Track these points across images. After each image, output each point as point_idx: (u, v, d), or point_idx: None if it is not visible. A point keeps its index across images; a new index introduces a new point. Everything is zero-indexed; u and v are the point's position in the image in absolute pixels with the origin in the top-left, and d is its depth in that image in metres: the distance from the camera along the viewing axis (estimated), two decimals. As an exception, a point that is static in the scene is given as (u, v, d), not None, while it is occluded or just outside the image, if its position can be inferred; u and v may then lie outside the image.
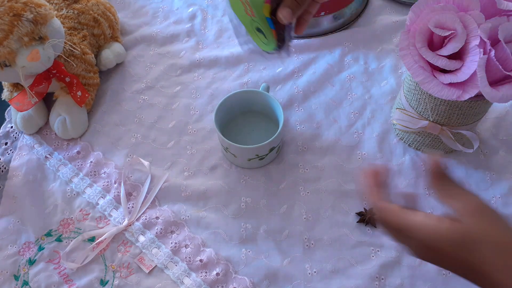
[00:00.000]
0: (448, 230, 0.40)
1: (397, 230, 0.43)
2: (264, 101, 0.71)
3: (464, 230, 0.39)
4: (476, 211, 0.40)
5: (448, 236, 0.40)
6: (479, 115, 0.62)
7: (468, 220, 0.39)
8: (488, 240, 0.38)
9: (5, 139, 0.76)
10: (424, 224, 0.41)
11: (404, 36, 0.57)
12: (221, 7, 0.89)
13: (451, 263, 0.40)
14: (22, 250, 0.66)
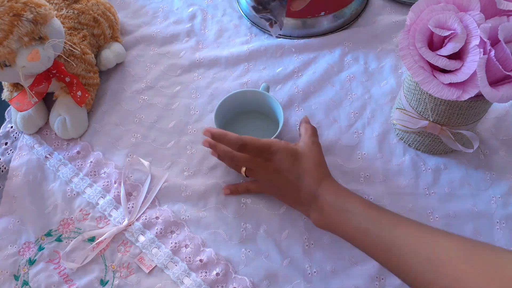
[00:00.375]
0: (286, 145, 0.62)
1: (253, 149, 0.61)
2: (264, 101, 0.72)
3: (295, 148, 0.62)
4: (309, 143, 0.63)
5: (286, 147, 0.62)
6: (479, 115, 0.62)
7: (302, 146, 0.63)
8: (308, 156, 0.61)
9: (5, 139, 0.76)
10: (270, 140, 0.62)
11: (404, 36, 0.57)
12: (221, 7, 0.89)
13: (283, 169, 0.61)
14: (22, 250, 0.66)
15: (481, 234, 0.63)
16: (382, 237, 0.52)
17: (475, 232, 0.63)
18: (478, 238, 0.63)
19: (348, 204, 0.56)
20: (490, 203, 0.65)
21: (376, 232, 0.52)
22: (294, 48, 0.82)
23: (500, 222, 0.64)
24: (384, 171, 0.69)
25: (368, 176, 0.68)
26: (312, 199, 0.59)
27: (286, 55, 0.82)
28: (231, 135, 0.61)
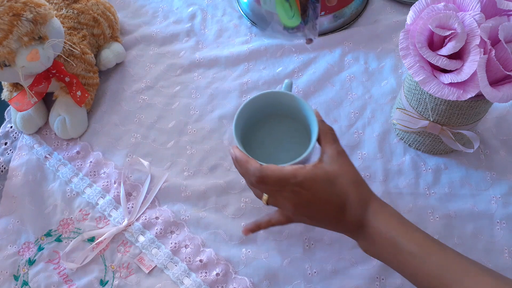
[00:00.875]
0: (314, 169, 0.52)
1: (275, 181, 0.52)
2: (293, 104, 0.62)
3: (326, 169, 0.52)
4: (335, 156, 0.54)
5: (314, 173, 0.52)
6: (479, 115, 0.62)
7: (329, 162, 0.53)
8: (344, 175, 0.52)
9: (4, 139, 0.76)
10: (294, 169, 0.52)
11: (404, 35, 0.57)
12: (221, 7, 0.89)
13: (317, 199, 0.52)
14: (22, 250, 0.66)
15: (482, 234, 0.63)
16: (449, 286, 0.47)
17: (475, 232, 0.63)
18: (478, 238, 0.63)
19: (404, 241, 0.49)
20: (491, 203, 0.65)
21: (442, 280, 0.47)
22: (294, 48, 0.82)
23: (500, 222, 0.64)
24: (384, 171, 0.69)
25: (368, 176, 0.68)
26: (358, 227, 0.52)
27: (286, 55, 0.82)
28: (250, 165, 0.53)
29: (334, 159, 0.53)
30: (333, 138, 0.56)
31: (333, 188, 0.51)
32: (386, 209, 0.52)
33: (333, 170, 0.52)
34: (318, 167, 0.52)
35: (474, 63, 0.52)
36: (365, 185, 0.54)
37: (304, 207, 0.53)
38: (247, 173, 0.54)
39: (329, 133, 0.56)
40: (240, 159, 0.54)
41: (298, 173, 0.51)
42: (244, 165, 0.54)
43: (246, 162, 0.54)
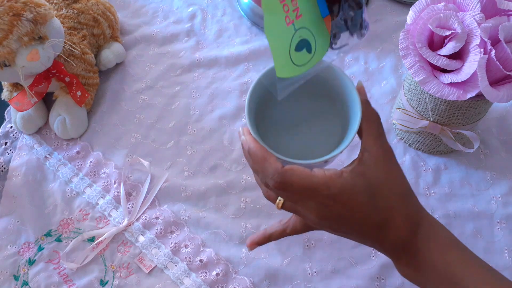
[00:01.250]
0: (353, 177, 0.41)
1: (301, 190, 0.41)
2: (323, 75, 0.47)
3: (367, 176, 0.41)
4: (380, 157, 0.42)
5: (353, 182, 0.41)
6: (479, 115, 0.62)
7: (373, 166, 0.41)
8: (390, 185, 0.41)
9: (4, 139, 0.76)
10: (328, 177, 0.40)
11: (404, 35, 0.57)
12: (221, 7, 0.89)
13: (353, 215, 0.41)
14: (22, 250, 0.66)
15: (482, 234, 0.63)
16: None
17: (475, 232, 0.63)
18: (478, 238, 0.63)
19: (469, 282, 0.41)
20: (491, 203, 0.65)
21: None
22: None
23: (500, 222, 0.64)
24: (384, 171, 0.68)
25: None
26: (401, 250, 0.43)
27: (286, 55, 0.82)
28: (269, 164, 0.41)
29: (379, 161, 0.41)
30: (379, 129, 0.43)
31: (374, 201, 0.41)
32: (440, 233, 0.43)
33: (377, 178, 0.41)
34: (358, 173, 0.41)
35: (474, 63, 0.52)
36: (414, 198, 0.44)
37: (334, 221, 0.43)
38: (263, 173, 0.42)
39: (375, 121, 0.43)
40: (255, 153, 0.42)
41: (332, 184, 0.40)
42: (260, 162, 0.42)
43: (263, 159, 0.42)
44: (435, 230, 0.43)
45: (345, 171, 0.41)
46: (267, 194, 0.47)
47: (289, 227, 0.49)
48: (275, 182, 0.41)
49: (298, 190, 0.41)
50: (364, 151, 0.42)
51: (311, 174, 0.40)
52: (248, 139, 0.43)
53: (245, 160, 0.70)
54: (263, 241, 0.51)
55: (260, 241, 0.51)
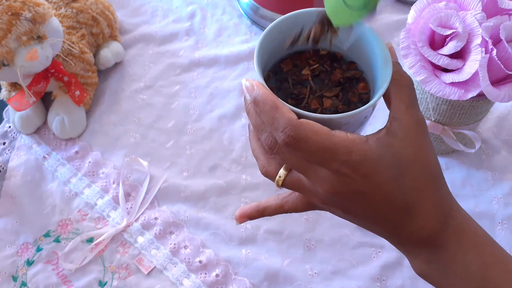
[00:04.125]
0: (379, 147, 0.34)
1: (316, 150, 0.34)
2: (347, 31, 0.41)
3: (396, 150, 0.34)
4: (413, 129, 0.35)
5: (380, 153, 0.34)
6: (481, 115, 0.62)
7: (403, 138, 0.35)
8: (420, 164, 0.35)
9: (3, 139, 0.76)
10: (351, 140, 0.34)
11: (405, 35, 0.56)
12: (221, 6, 0.88)
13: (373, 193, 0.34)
14: (20, 251, 0.65)
15: (483, 235, 0.63)
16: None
17: (476, 232, 0.63)
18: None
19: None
20: (492, 204, 0.65)
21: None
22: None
23: (502, 223, 0.63)
24: (385, 171, 0.68)
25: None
26: (423, 244, 0.37)
27: (286, 54, 0.81)
28: (281, 114, 0.34)
29: (410, 134, 0.35)
30: (411, 96, 0.37)
31: (401, 180, 0.34)
32: (475, 229, 0.37)
33: (406, 154, 0.34)
34: (385, 144, 0.34)
35: (475, 62, 0.52)
36: (445, 184, 0.37)
37: (347, 198, 0.35)
38: (272, 125, 0.35)
39: (407, 86, 0.37)
40: (264, 100, 0.35)
41: (355, 148, 0.34)
42: (270, 111, 0.35)
43: (274, 107, 0.35)
44: (470, 224, 0.37)
45: (371, 138, 0.35)
46: (266, 168, 0.39)
47: (287, 203, 0.42)
48: (286, 136, 0.34)
49: (312, 149, 0.34)
50: (393, 120, 0.36)
51: (331, 133, 0.34)
52: (255, 83, 0.36)
53: (245, 160, 0.70)
54: (255, 215, 0.43)
55: (252, 215, 0.43)
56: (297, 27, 0.41)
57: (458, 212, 0.37)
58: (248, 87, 0.36)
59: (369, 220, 0.37)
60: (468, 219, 0.37)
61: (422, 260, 0.37)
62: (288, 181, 0.38)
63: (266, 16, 0.83)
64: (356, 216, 0.37)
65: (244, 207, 0.44)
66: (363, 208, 0.36)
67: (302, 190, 0.38)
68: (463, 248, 0.36)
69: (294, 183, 0.38)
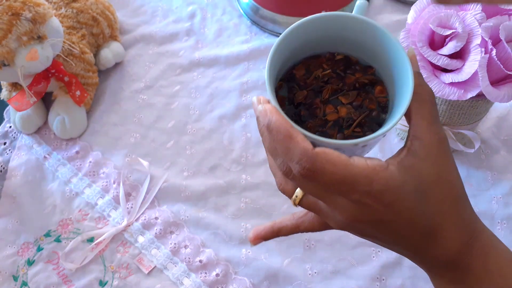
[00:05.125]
0: (402, 172, 0.32)
1: (334, 182, 0.32)
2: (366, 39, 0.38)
3: (418, 172, 0.33)
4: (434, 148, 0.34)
5: (402, 179, 0.32)
6: (480, 115, 0.62)
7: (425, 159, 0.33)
8: (443, 185, 0.34)
9: (3, 139, 0.76)
10: (371, 168, 0.32)
11: (405, 35, 0.57)
12: (221, 6, 0.88)
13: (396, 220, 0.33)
14: (21, 251, 0.66)
15: (482, 235, 0.63)
16: None
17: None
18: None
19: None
20: (492, 203, 0.65)
21: None
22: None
23: (501, 222, 0.63)
24: (384, 171, 0.68)
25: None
26: (450, 266, 0.36)
27: (286, 54, 0.81)
28: (296, 144, 0.33)
29: (432, 153, 0.33)
30: (433, 112, 0.35)
31: (424, 204, 0.33)
32: (500, 251, 0.36)
33: (429, 175, 0.33)
34: (407, 167, 0.33)
35: (475, 62, 0.52)
36: (469, 205, 0.36)
37: (369, 225, 0.35)
38: (286, 155, 0.33)
39: (429, 101, 0.35)
40: (278, 129, 0.33)
41: (376, 177, 0.32)
42: (283, 141, 0.33)
43: (288, 136, 0.33)
44: (495, 246, 0.36)
45: (391, 163, 0.33)
46: (283, 186, 0.38)
47: (303, 223, 0.40)
48: (302, 168, 0.32)
49: (330, 181, 0.32)
50: (414, 138, 0.34)
51: (349, 163, 0.32)
52: (268, 109, 0.34)
53: (245, 160, 0.70)
54: (270, 236, 0.42)
55: (267, 236, 0.42)
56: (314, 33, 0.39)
57: (483, 233, 0.36)
58: (261, 112, 0.34)
59: (390, 243, 0.37)
60: (492, 239, 0.36)
61: (446, 281, 0.37)
62: (304, 202, 0.37)
63: (266, 16, 0.83)
64: (377, 239, 0.37)
65: (259, 228, 0.42)
66: (385, 233, 0.35)
67: (319, 213, 0.37)
68: (489, 273, 0.35)
69: (311, 205, 0.37)
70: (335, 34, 0.39)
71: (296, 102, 0.39)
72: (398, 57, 0.36)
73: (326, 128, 0.38)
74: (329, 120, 0.38)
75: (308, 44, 0.40)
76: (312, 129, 0.38)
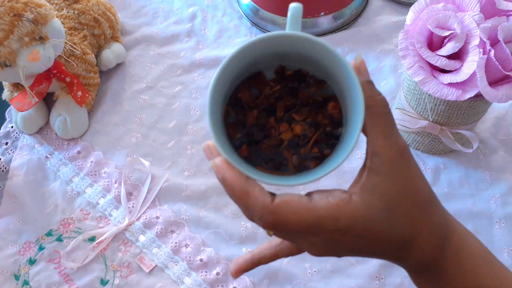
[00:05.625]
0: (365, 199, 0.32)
1: (300, 229, 0.32)
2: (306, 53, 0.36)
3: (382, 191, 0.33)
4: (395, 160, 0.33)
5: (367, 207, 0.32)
6: (478, 115, 0.62)
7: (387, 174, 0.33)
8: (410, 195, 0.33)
9: (5, 139, 0.76)
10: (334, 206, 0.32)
11: (403, 36, 0.57)
12: (221, 8, 0.89)
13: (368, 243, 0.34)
14: (23, 250, 0.66)
15: (481, 234, 0.63)
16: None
17: (474, 232, 0.63)
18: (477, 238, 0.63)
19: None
20: (490, 203, 0.65)
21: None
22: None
23: (499, 222, 0.64)
24: (384, 171, 0.69)
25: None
26: (426, 269, 0.36)
27: (286, 55, 0.82)
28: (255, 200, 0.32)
29: (394, 166, 0.33)
30: (389, 122, 0.34)
31: (393, 220, 0.33)
32: (472, 249, 0.36)
33: (393, 190, 0.33)
34: (370, 191, 0.33)
35: (473, 63, 0.52)
36: (439, 205, 0.36)
37: (343, 252, 0.35)
38: (247, 211, 0.33)
39: (383, 112, 0.33)
40: (232, 187, 0.33)
41: (341, 215, 0.32)
42: (241, 198, 0.33)
43: (245, 193, 0.33)
44: (466, 244, 0.36)
45: (354, 193, 0.33)
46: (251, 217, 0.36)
47: (282, 251, 0.40)
48: (265, 223, 0.33)
49: (296, 229, 0.33)
50: (373, 155, 0.33)
51: (312, 207, 0.32)
52: (219, 165, 0.33)
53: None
54: (251, 268, 0.41)
55: (248, 268, 0.41)
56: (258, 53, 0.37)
57: (454, 233, 0.36)
58: (213, 167, 0.33)
59: (368, 256, 0.37)
60: (464, 238, 0.36)
61: (424, 282, 0.37)
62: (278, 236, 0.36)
63: (266, 17, 0.83)
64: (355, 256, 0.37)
65: (238, 261, 0.41)
66: (361, 254, 0.36)
67: (294, 243, 0.37)
68: (461, 272, 0.35)
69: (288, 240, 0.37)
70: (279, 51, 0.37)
71: (248, 124, 0.37)
72: (345, 73, 0.34)
73: (282, 149, 0.37)
74: (284, 139, 0.37)
75: (252, 65, 0.37)
76: (267, 150, 0.37)
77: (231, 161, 0.33)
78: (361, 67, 0.35)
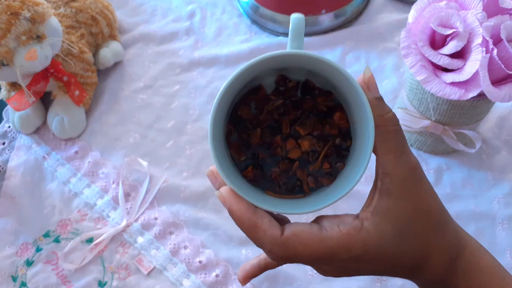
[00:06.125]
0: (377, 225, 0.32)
1: (312, 260, 0.33)
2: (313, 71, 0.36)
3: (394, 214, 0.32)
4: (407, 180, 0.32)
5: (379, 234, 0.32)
6: (481, 115, 0.61)
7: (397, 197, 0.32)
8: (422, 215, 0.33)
9: (2, 139, 0.75)
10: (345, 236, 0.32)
11: (406, 34, 0.56)
12: (221, 5, 0.88)
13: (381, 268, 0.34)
14: (20, 251, 0.65)
15: (483, 235, 0.62)
16: None
17: (477, 232, 0.63)
18: (480, 239, 0.62)
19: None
20: (493, 204, 0.65)
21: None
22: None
23: (502, 223, 0.63)
24: (385, 171, 0.68)
25: (369, 176, 0.68)
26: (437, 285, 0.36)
27: (286, 53, 0.81)
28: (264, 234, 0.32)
29: (406, 187, 0.32)
30: (399, 139, 0.33)
31: (405, 243, 0.33)
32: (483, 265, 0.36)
33: (406, 212, 0.32)
34: (382, 215, 0.32)
35: (476, 62, 0.52)
36: (450, 222, 0.35)
37: (356, 274, 0.36)
38: (257, 244, 0.33)
39: (393, 129, 0.33)
40: (240, 220, 0.33)
41: (353, 244, 0.32)
42: (250, 231, 0.33)
43: (254, 226, 0.32)
44: (477, 260, 0.36)
45: (365, 219, 0.32)
46: None
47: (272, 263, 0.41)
48: (276, 257, 0.32)
49: (308, 260, 0.33)
50: (383, 176, 0.32)
51: (323, 238, 0.32)
52: (225, 196, 0.32)
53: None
54: (258, 273, 0.42)
55: (255, 274, 0.42)
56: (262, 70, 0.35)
57: (466, 249, 0.36)
58: (219, 198, 0.33)
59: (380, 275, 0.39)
60: (475, 254, 0.36)
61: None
62: None
63: (266, 15, 0.82)
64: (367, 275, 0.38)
65: (245, 268, 0.42)
66: (373, 274, 0.36)
67: None
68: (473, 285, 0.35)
69: None
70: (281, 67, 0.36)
71: (252, 144, 0.36)
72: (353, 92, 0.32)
73: (293, 171, 0.36)
74: (292, 158, 0.35)
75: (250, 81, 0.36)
76: (278, 179, 0.36)
77: (237, 190, 0.32)
78: (370, 82, 0.33)
